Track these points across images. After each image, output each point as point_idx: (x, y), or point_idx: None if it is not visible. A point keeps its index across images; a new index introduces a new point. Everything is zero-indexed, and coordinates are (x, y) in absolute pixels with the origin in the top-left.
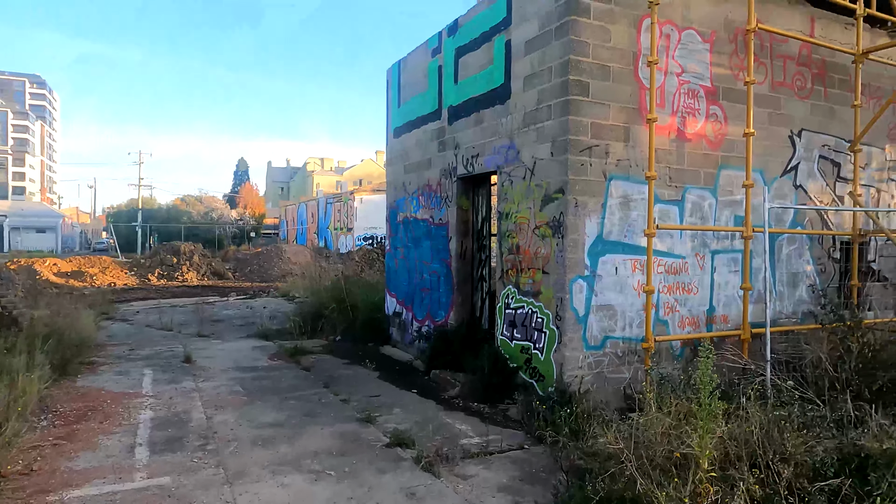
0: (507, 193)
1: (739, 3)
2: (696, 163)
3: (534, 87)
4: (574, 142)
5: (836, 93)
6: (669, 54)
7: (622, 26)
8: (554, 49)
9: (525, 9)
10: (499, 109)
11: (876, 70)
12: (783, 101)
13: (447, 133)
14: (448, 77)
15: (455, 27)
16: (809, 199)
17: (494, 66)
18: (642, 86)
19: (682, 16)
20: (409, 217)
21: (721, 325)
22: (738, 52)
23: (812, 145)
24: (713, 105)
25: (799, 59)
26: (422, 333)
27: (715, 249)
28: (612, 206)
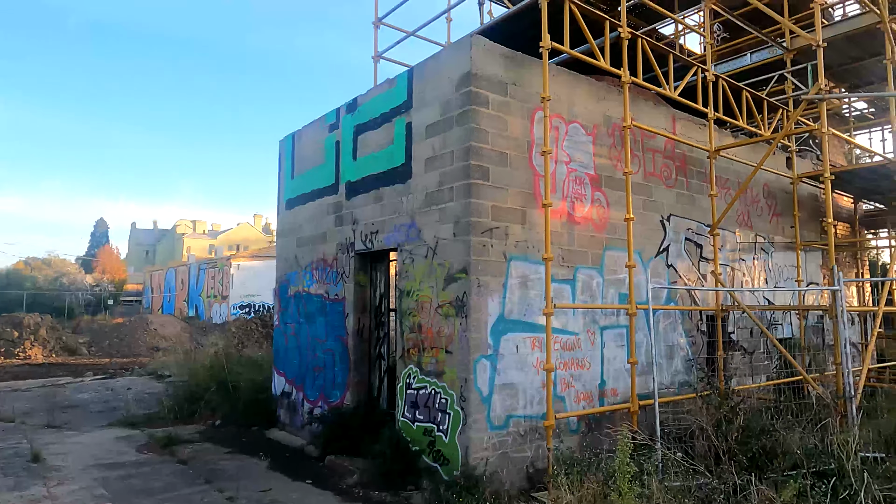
0: (409, 271)
1: (616, 102)
2: (585, 244)
3: (435, 168)
4: (476, 223)
5: (696, 183)
6: (559, 144)
7: (517, 117)
8: (455, 135)
9: (426, 94)
10: (399, 188)
11: (725, 165)
12: (654, 189)
13: (345, 208)
14: (346, 153)
15: (354, 105)
16: (679, 276)
17: (395, 146)
18: (536, 173)
19: (569, 111)
20: (301, 292)
21: (612, 399)
22: (616, 144)
23: (679, 229)
24: (597, 191)
25: (665, 153)
26: (314, 416)
27: (604, 325)
28: (513, 285)
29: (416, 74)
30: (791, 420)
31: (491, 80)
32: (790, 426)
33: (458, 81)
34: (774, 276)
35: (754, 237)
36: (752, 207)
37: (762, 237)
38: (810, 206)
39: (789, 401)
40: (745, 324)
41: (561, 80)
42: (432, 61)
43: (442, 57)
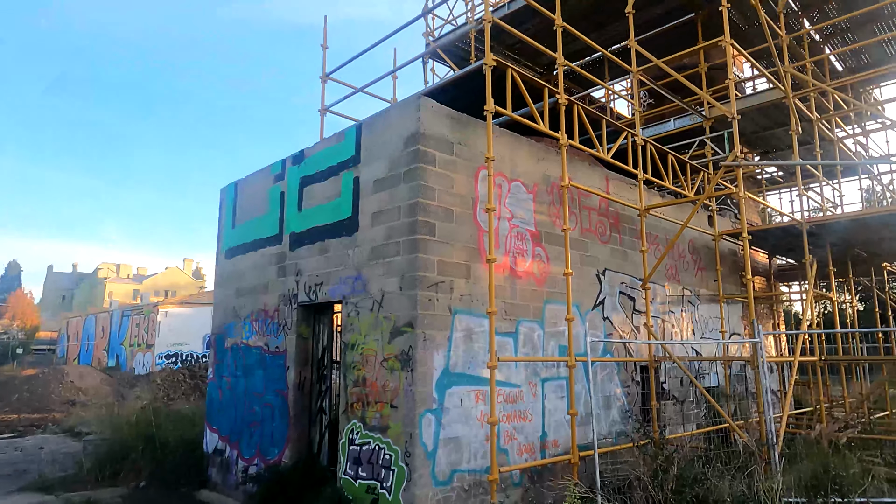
0: (354, 324)
1: (555, 162)
2: (527, 298)
3: (382, 223)
4: (422, 278)
5: (628, 239)
6: (502, 202)
7: (463, 175)
8: (403, 191)
9: (374, 150)
10: (346, 241)
11: (655, 222)
12: (590, 245)
13: (288, 259)
14: (291, 204)
15: (301, 157)
16: (615, 328)
17: (342, 199)
18: (480, 228)
19: (511, 170)
20: (240, 344)
21: (553, 450)
22: (555, 202)
23: (614, 283)
24: (538, 247)
25: (600, 211)
26: (249, 475)
27: (545, 377)
28: (457, 339)
29: (364, 130)
30: (720, 468)
31: (438, 140)
32: (720, 474)
33: (407, 140)
34: (701, 327)
35: (682, 290)
36: (680, 262)
37: (689, 290)
38: (731, 261)
39: (718, 448)
40: (675, 374)
41: (504, 140)
42: (381, 118)
43: (391, 115)
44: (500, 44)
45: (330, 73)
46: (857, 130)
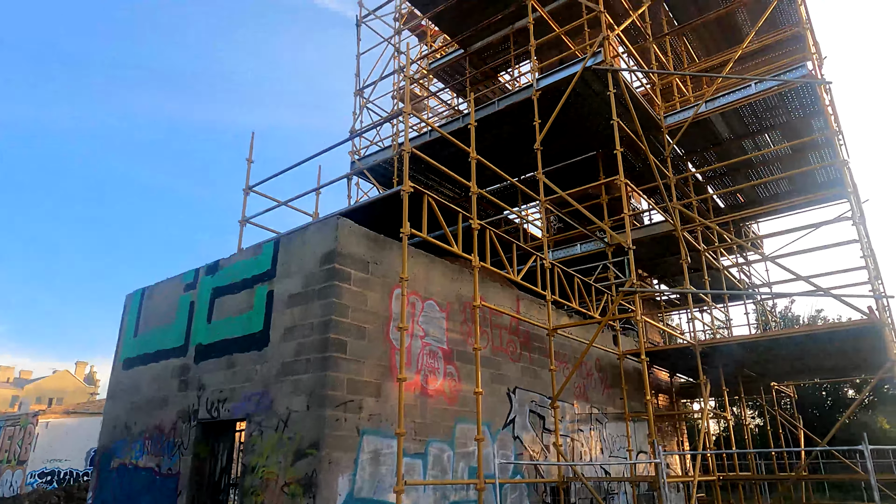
0: (256, 445)
1: (468, 283)
2: (437, 417)
3: (294, 339)
4: (331, 396)
5: (538, 358)
6: (415, 320)
7: (377, 293)
8: (316, 307)
9: (290, 265)
10: (254, 356)
11: (563, 341)
12: (501, 363)
13: (192, 372)
14: (201, 314)
15: (216, 268)
16: (525, 448)
17: (255, 312)
18: (392, 346)
19: (425, 289)
20: (128, 464)
21: None
22: (468, 321)
23: (524, 401)
24: (449, 365)
25: (510, 330)
26: None
27: (454, 501)
28: (364, 461)
29: (282, 245)
30: None
31: (354, 258)
32: None
33: (323, 257)
34: (609, 445)
35: (590, 408)
36: (588, 381)
37: (596, 408)
38: (636, 379)
39: None
40: (584, 493)
41: (419, 261)
42: (299, 235)
43: (309, 232)
44: (422, 167)
45: (254, 185)
46: (741, 260)
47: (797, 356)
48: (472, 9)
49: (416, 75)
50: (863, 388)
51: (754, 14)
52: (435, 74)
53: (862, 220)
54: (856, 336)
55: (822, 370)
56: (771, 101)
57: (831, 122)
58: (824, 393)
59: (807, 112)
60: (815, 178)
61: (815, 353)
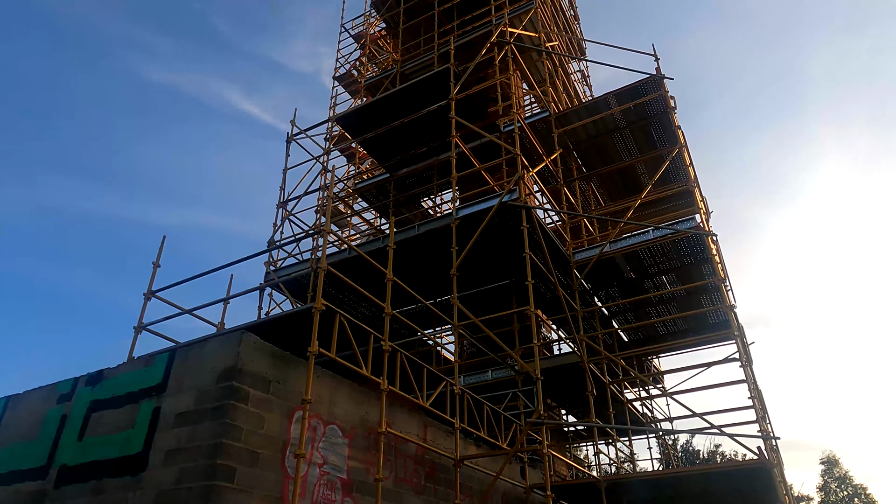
0: None
1: (374, 406)
2: None
3: (177, 463)
4: None
5: (443, 490)
6: (315, 445)
7: (276, 415)
8: (206, 429)
9: (184, 380)
10: (128, 482)
11: (470, 472)
12: (404, 495)
13: (48, 499)
14: (72, 431)
15: (98, 378)
16: None
17: (135, 431)
18: (287, 475)
19: (329, 411)
20: None
21: None
22: (371, 447)
23: None
24: (347, 497)
25: (416, 459)
26: None
27: None
28: None
29: (178, 357)
30: None
31: (255, 377)
32: None
33: (221, 374)
34: None
35: None
36: None
37: None
38: None
39: None
40: None
41: (325, 382)
42: (198, 348)
43: (209, 345)
44: (338, 284)
45: (157, 290)
46: (644, 394)
47: (698, 495)
48: (399, 138)
49: (342, 193)
50: None
51: (651, 169)
52: (360, 195)
53: (748, 362)
54: (749, 476)
55: None
56: (666, 246)
57: (718, 269)
58: None
59: (697, 259)
60: (706, 319)
61: (714, 493)
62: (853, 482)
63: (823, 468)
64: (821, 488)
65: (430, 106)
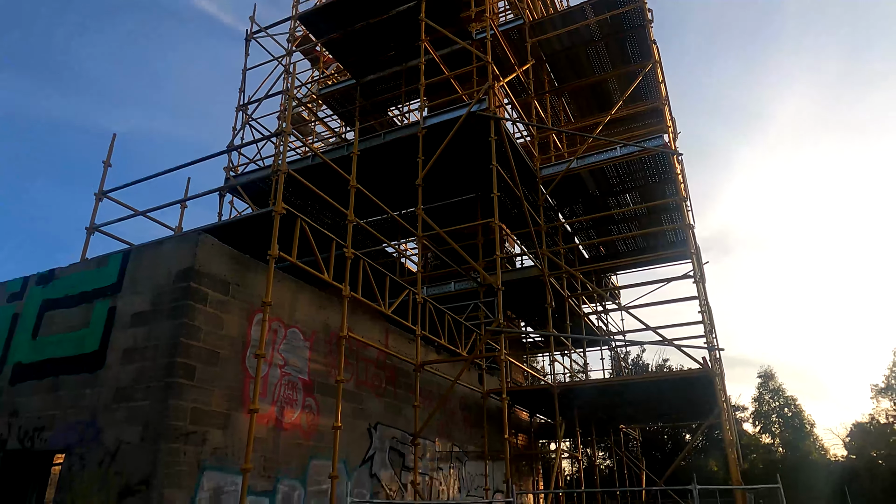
0: (73, 482)
1: (336, 312)
2: (290, 452)
3: (134, 362)
4: (171, 427)
5: (403, 393)
6: (276, 347)
7: (236, 317)
8: (164, 328)
9: (139, 280)
10: (85, 379)
11: (430, 377)
12: (365, 397)
13: (4, 394)
14: (24, 329)
15: (50, 277)
16: (382, 487)
17: (90, 330)
18: (248, 374)
19: (290, 315)
20: None
21: None
22: (333, 351)
23: (384, 437)
24: (309, 397)
25: (377, 364)
26: None
27: None
28: (202, 499)
29: (132, 258)
30: None
31: (213, 278)
32: None
33: (178, 275)
34: (467, 484)
35: (451, 447)
36: (451, 418)
37: (458, 447)
38: (498, 419)
39: None
40: None
41: (286, 286)
42: (153, 248)
43: (165, 246)
44: (300, 191)
45: (108, 191)
46: (600, 309)
47: (643, 401)
48: (367, 41)
49: (305, 99)
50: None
51: (623, 85)
52: (324, 101)
53: (702, 279)
54: (691, 384)
55: (665, 415)
56: (633, 164)
57: (681, 189)
58: (666, 437)
59: (661, 178)
60: (666, 238)
61: (658, 399)
62: (785, 394)
63: (760, 381)
64: (755, 399)
65: (399, 6)
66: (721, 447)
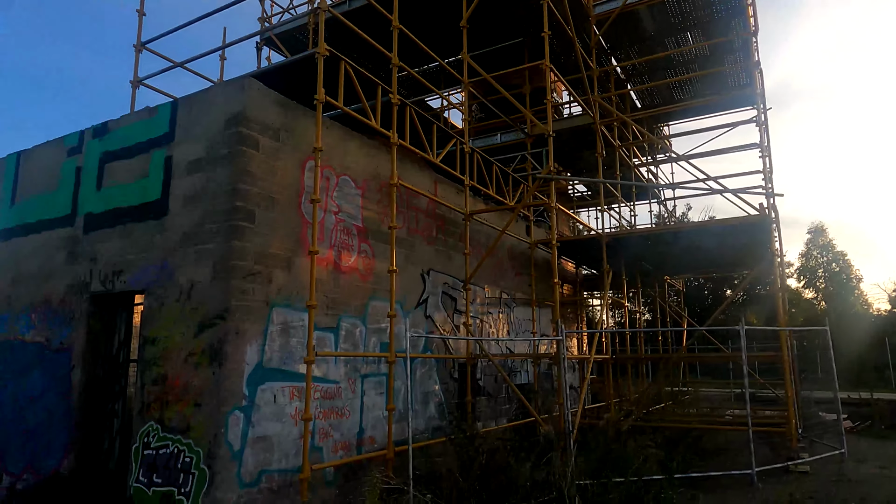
0: (156, 316)
1: (385, 160)
2: (350, 293)
3: (196, 207)
4: (238, 267)
5: (453, 242)
6: (329, 194)
7: (288, 164)
8: (221, 174)
9: (191, 129)
10: (152, 225)
11: (478, 227)
12: (416, 244)
13: (82, 243)
14: (89, 181)
15: (104, 130)
16: (436, 327)
17: (150, 179)
18: (304, 220)
19: (340, 163)
20: (13, 339)
21: (370, 447)
22: (384, 200)
23: (437, 282)
24: (364, 243)
25: (427, 213)
26: (17, 491)
27: (365, 374)
28: (273, 332)
29: (181, 107)
30: (523, 456)
31: (263, 125)
32: (522, 462)
33: (229, 121)
34: (515, 328)
35: (500, 293)
36: (499, 267)
37: (506, 293)
38: (544, 269)
39: (524, 440)
40: (490, 371)
41: (335, 133)
42: (202, 96)
43: (213, 93)
44: (340, 41)
45: (147, 42)
46: (650, 160)
47: (689, 251)
48: None
49: None
50: (743, 282)
51: None
52: None
53: (766, 125)
54: (744, 232)
55: (713, 265)
56: None
57: (750, 22)
58: (706, 292)
59: (729, 11)
60: (726, 82)
61: (705, 248)
62: (834, 249)
63: (809, 237)
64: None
65: None
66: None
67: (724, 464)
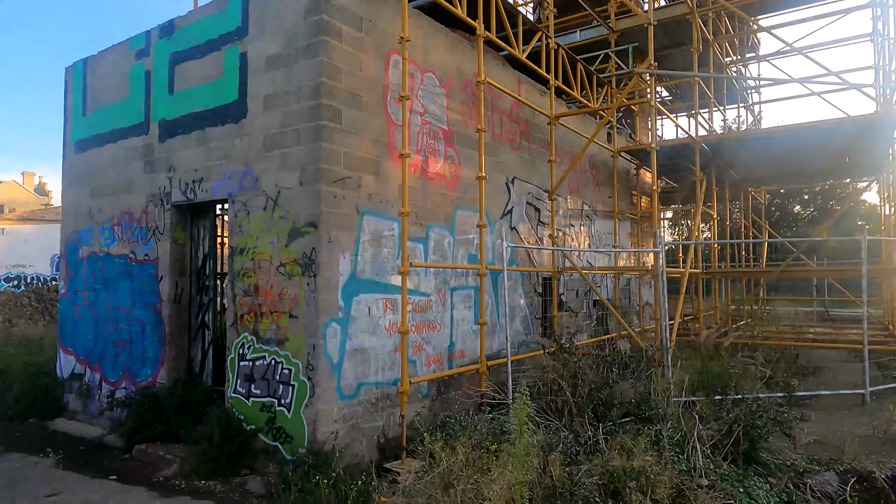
0: (243, 225)
1: (469, 56)
2: (437, 202)
3: (277, 108)
4: (327, 171)
5: (536, 149)
6: (414, 93)
7: (372, 57)
8: (303, 69)
9: (266, 21)
10: (231, 129)
11: (560, 134)
12: (500, 150)
13: (158, 151)
14: (160, 85)
15: (171, 29)
16: (521, 239)
17: (225, 79)
18: (391, 121)
19: (424, 59)
20: (99, 252)
21: (460, 360)
22: (468, 101)
23: (522, 192)
24: (449, 147)
25: (511, 116)
26: (117, 400)
27: (454, 287)
28: (365, 242)
29: None
30: (619, 372)
31: (345, 12)
32: (621, 378)
33: (308, 8)
34: (596, 241)
35: (582, 205)
36: (581, 177)
37: (587, 205)
38: (624, 180)
39: (608, 355)
40: (571, 286)
41: (418, 24)
42: None
43: None
44: None
45: None
46: (739, 58)
47: (785, 157)
48: None
49: None
50: (810, 205)
51: None
52: None
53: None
54: (857, 132)
55: (805, 174)
56: None
57: None
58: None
59: None
60: None
61: (805, 153)
62: None
63: None
64: None
65: None
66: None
67: (825, 383)
